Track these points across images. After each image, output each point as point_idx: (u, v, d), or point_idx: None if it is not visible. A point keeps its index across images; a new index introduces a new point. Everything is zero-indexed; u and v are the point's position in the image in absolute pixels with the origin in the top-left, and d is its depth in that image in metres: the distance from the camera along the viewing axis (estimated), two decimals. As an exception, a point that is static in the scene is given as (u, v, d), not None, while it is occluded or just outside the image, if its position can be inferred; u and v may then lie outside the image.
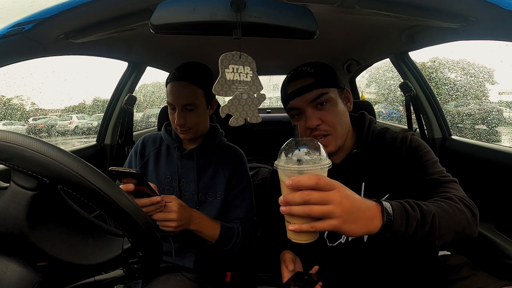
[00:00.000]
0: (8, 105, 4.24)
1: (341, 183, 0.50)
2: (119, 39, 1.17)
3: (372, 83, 5.68)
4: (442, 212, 0.58)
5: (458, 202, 0.63)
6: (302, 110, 0.79)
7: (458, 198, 0.64)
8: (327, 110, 0.77)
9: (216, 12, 0.57)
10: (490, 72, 3.96)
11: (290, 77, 0.82)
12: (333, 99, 0.78)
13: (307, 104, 0.77)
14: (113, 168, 0.71)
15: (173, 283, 0.85)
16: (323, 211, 0.47)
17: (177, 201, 0.80)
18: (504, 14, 0.62)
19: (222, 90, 0.57)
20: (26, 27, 0.67)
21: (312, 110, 0.77)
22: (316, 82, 0.77)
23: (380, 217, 0.52)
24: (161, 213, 0.77)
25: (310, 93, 0.76)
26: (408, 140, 0.78)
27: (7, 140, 0.40)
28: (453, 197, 0.64)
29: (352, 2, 0.68)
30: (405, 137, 0.79)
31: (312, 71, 0.79)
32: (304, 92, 0.77)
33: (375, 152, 0.80)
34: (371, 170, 0.78)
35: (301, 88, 0.77)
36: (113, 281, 0.53)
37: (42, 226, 0.46)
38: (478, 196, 1.18)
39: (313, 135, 0.78)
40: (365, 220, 0.50)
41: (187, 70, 0.94)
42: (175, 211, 0.77)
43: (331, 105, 0.78)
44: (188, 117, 0.92)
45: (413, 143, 0.78)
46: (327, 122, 0.77)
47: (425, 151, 0.76)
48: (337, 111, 0.78)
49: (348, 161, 0.82)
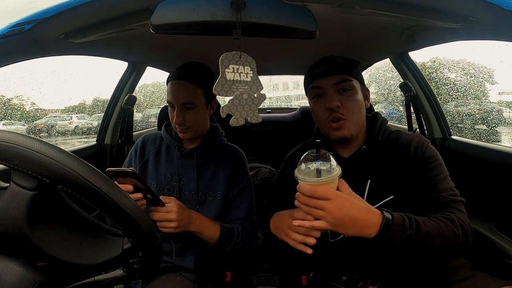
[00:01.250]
0: (8, 105, 4.24)
1: (344, 193, 0.60)
2: (119, 39, 1.17)
3: (372, 83, 5.68)
4: (437, 233, 0.64)
5: (458, 226, 0.66)
6: (324, 91, 0.81)
7: (459, 222, 0.67)
8: (348, 96, 0.80)
9: (216, 12, 0.57)
10: (490, 72, 3.96)
11: (319, 61, 0.85)
12: (355, 88, 0.81)
13: (330, 85, 0.80)
14: (109, 169, 0.72)
15: (173, 283, 0.85)
16: (317, 214, 0.60)
17: (176, 202, 0.80)
18: (504, 14, 0.62)
19: (223, 90, 0.58)
20: (26, 27, 0.67)
21: (334, 92, 0.80)
22: (343, 68, 0.81)
23: (377, 227, 0.61)
24: (160, 213, 0.78)
25: (335, 76, 0.80)
26: (424, 147, 0.79)
27: (7, 140, 0.40)
28: (456, 220, 0.67)
29: (352, 2, 0.68)
30: (422, 143, 0.80)
31: (340, 60, 0.83)
32: (330, 74, 0.80)
33: (385, 152, 0.81)
34: (379, 169, 0.80)
35: (328, 70, 0.81)
36: (113, 281, 0.53)
37: (42, 226, 0.45)
38: (478, 196, 1.19)
39: (331, 117, 0.79)
40: (357, 228, 0.60)
41: (188, 70, 0.94)
42: (174, 211, 0.77)
43: (353, 93, 0.81)
44: (187, 116, 0.92)
45: (428, 152, 0.78)
46: (346, 107, 0.79)
47: (438, 163, 0.77)
48: (356, 100, 0.81)
49: (357, 157, 0.83)
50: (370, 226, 0.61)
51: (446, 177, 0.77)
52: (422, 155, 0.78)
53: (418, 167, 0.77)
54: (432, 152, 0.79)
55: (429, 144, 0.81)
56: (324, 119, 0.81)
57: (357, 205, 0.61)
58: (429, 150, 0.79)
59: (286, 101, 10.78)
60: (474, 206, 1.18)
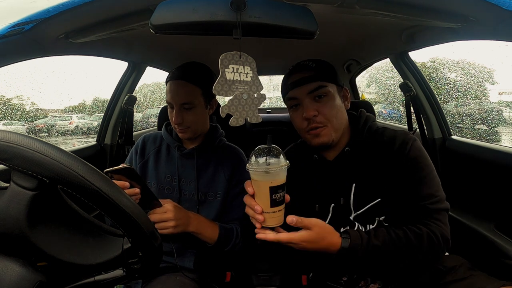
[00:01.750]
0: (8, 105, 4.24)
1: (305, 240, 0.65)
2: (119, 39, 1.17)
3: (372, 83, 5.68)
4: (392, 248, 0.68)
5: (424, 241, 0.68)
6: (300, 100, 0.79)
7: (428, 237, 0.69)
8: (325, 103, 0.78)
9: (216, 12, 0.57)
10: (490, 72, 3.96)
11: (291, 70, 0.83)
12: (331, 93, 0.79)
13: (305, 95, 0.78)
14: (107, 170, 0.72)
15: (173, 283, 0.85)
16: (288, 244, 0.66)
17: (172, 202, 0.81)
18: (504, 14, 0.62)
19: (223, 90, 0.57)
20: (26, 27, 0.67)
21: (310, 101, 0.78)
22: (316, 75, 0.78)
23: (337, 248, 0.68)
24: (157, 214, 0.78)
25: (309, 85, 0.78)
26: (408, 146, 0.75)
27: (7, 140, 0.40)
28: (424, 234, 0.69)
29: (352, 2, 0.68)
30: (406, 142, 0.76)
31: (313, 65, 0.80)
32: (303, 83, 0.78)
33: (370, 151, 0.79)
34: (364, 171, 0.78)
35: (301, 79, 0.79)
36: (113, 281, 0.53)
37: (42, 226, 0.45)
38: (478, 196, 1.19)
39: (310, 127, 0.78)
40: (321, 250, 0.67)
41: (186, 70, 0.94)
42: (171, 210, 0.78)
43: (329, 99, 0.79)
44: (186, 116, 0.92)
45: (413, 152, 0.75)
46: (324, 114, 0.77)
47: (425, 164, 0.75)
48: (334, 105, 0.79)
49: (341, 159, 0.82)
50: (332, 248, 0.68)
51: (433, 179, 0.74)
52: (406, 155, 0.75)
53: (401, 168, 0.74)
54: (417, 151, 0.75)
55: (415, 142, 0.77)
56: (303, 129, 0.80)
57: (317, 246, 0.67)
58: (414, 150, 0.75)
59: (286, 101, 10.72)
60: (474, 206, 1.18)
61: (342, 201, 0.79)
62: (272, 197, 0.62)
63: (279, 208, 0.63)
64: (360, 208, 0.78)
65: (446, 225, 0.72)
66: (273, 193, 0.61)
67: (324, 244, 0.67)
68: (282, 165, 0.61)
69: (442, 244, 0.70)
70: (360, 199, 0.77)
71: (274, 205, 0.62)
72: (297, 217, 0.65)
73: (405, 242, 0.68)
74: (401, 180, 0.74)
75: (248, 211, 0.66)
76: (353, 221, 0.79)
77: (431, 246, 0.68)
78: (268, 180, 0.61)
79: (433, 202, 0.72)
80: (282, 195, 0.63)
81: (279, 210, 0.63)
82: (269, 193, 0.61)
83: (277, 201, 0.62)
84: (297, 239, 0.65)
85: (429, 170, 0.75)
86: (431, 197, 0.72)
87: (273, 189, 0.61)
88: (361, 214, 0.78)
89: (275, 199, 0.62)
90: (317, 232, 0.66)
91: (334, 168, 0.82)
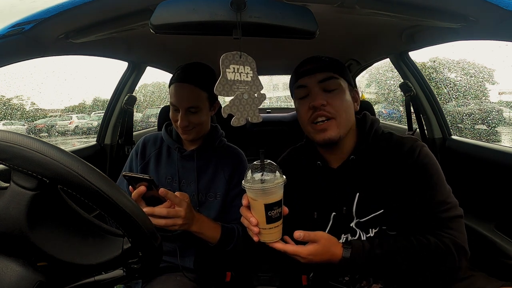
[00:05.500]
0: (8, 105, 4.24)
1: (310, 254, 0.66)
2: (119, 39, 1.17)
3: (372, 83, 5.68)
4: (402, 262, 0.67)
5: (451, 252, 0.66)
6: (309, 89, 0.76)
7: (447, 248, 0.66)
8: (335, 95, 0.75)
9: (216, 12, 0.57)
10: (490, 72, 3.96)
11: (304, 60, 0.81)
12: (342, 87, 0.76)
13: (315, 83, 0.75)
14: (126, 173, 0.72)
15: (173, 283, 0.85)
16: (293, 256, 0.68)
17: (189, 199, 0.80)
18: (504, 14, 0.62)
19: (224, 90, 0.58)
20: (26, 27, 0.67)
21: (319, 90, 0.75)
22: (329, 66, 0.77)
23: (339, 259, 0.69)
24: (172, 210, 0.77)
25: (320, 73, 0.75)
26: (417, 153, 0.72)
27: (7, 140, 0.40)
28: (434, 245, 0.67)
29: (352, 2, 0.68)
30: (414, 148, 0.73)
31: (327, 59, 0.79)
32: (314, 72, 0.76)
33: (376, 158, 0.76)
34: (369, 180, 0.75)
35: (313, 67, 0.77)
36: (113, 281, 0.53)
37: (42, 226, 0.45)
38: (478, 196, 1.19)
39: (316, 115, 0.74)
40: (324, 261, 0.68)
41: (192, 72, 0.93)
42: (184, 208, 0.77)
43: (339, 92, 0.76)
44: (191, 119, 0.92)
45: (423, 158, 0.71)
46: (333, 105, 0.74)
47: (433, 172, 0.71)
48: (344, 99, 0.76)
49: (345, 168, 0.79)
50: (334, 260, 0.69)
51: (443, 187, 0.71)
52: (415, 161, 0.71)
53: (409, 176, 0.71)
54: (427, 158, 0.72)
55: (423, 148, 0.73)
56: (307, 119, 0.76)
57: (322, 258, 0.67)
58: (423, 156, 0.71)
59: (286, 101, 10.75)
60: (474, 206, 1.18)
61: (344, 210, 0.77)
62: (268, 214, 0.61)
63: (276, 225, 0.63)
64: (362, 217, 0.76)
65: (460, 233, 0.68)
66: (268, 210, 0.61)
67: (328, 256, 0.67)
68: (277, 182, 0.60)
69: (456, 254, 0.66)
70: (363, 209, 0.75)
71: (270, 222, 0.62)
72: (304, 232, 0.65)
73: (410, 252, 0.67)
74: (409, 188, 0.71)
75: (244, 222, 0.66)
76: (355, 228, 0.77)
77: (438, 256, 0.66)
78: (263, 198, 0.60)
79: (445, 210, 0.69)
80: (279, 211, 0.62)
81: (275, 227, 0.63)
82: (265, 210, 0.61)
83: (273, 218, 0.62)
84: (305, 253, 0.65)
85: (439, 178, 0.71)
86: (443, 204, 0.69)
87: (269, 207, 0.61)
88: (363, 222, 0.76)
89: (271, 216, 0.61)
90: (323, 245, 0.67)
91: (337, 176, 0.79)
